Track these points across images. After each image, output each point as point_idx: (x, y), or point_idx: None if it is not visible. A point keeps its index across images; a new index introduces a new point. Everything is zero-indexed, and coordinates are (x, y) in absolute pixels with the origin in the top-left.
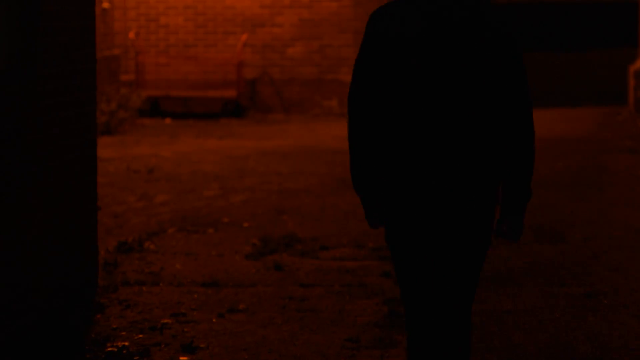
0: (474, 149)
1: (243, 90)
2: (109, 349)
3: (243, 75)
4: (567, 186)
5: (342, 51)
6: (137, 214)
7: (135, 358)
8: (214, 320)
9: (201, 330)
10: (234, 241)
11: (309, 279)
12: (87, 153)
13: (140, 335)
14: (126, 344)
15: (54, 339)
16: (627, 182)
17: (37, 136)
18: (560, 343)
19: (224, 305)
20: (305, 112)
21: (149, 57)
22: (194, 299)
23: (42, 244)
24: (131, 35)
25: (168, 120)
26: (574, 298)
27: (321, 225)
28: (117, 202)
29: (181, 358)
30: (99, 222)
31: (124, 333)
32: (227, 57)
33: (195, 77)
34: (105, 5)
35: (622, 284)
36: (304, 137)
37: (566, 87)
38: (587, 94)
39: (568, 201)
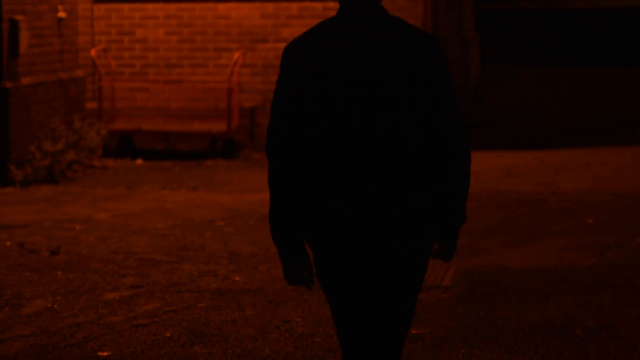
0: (406, 178)
1: (238, 123)
2: None
3: (238, 104)
4: None
5: None
6: None
7: None
8: None
9: None
10: None
11: None
12: None
13: None
14: None
15: None
16: None
17: None
18: None
19: None
20: None
21: (120, 80)
22: None
23: None
24: (93, 52)
25: (139, 162)
26: None
27: None
28: None
29: None
30: None
31: None
32: (219, 80)
33: (179, 106)
34: (61, 14)
35: None
36: None
37: None
38: None
39: None
